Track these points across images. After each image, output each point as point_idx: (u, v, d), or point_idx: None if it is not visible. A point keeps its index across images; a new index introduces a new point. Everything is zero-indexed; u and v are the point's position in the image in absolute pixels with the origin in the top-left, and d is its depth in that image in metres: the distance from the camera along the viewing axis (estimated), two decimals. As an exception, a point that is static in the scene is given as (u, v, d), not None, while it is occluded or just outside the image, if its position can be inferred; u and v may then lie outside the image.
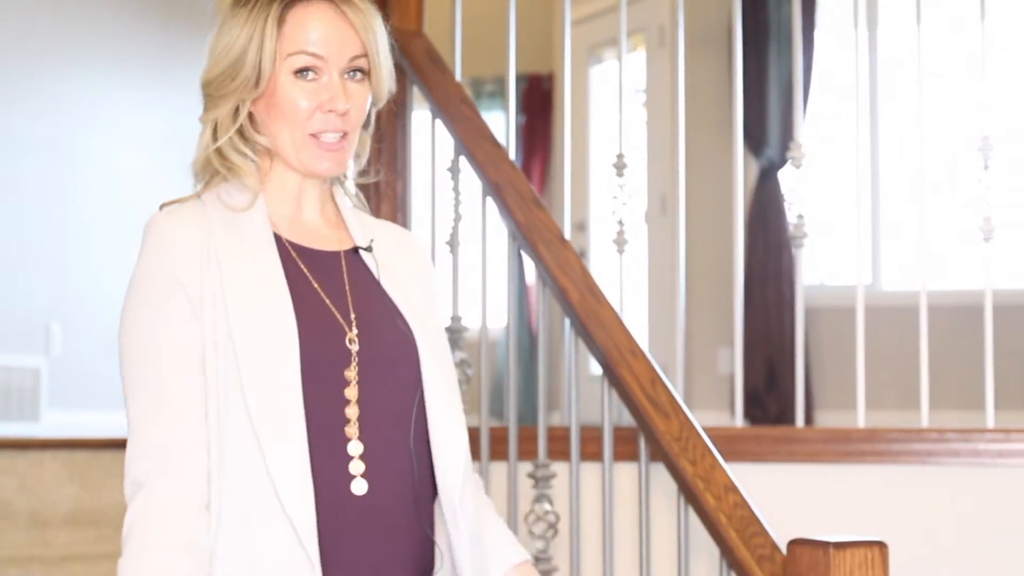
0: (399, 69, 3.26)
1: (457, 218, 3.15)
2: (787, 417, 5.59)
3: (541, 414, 2.91)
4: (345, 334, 1.81)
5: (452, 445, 1.84)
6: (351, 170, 1.97)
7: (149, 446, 1.69)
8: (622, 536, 2.90)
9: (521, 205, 2.87)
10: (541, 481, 2.85)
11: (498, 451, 3.08)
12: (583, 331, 2.67)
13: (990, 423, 3.25)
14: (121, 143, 6.43)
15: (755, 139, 6.30)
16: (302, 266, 1.84)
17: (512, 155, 3.20)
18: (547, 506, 2.81)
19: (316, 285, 1.84)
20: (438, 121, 3.13)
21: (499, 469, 3.07)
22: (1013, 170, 5.77)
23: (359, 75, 1.87)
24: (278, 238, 1.84)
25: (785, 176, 6.16)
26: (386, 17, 3.41)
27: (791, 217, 3.41)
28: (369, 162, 1.99)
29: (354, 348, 1.80)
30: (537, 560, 2.76)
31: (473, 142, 2.99)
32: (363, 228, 1.95)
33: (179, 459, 1.68)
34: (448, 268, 3.17)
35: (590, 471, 2.97)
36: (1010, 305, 4.57)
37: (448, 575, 1.89)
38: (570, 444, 2.83)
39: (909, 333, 3.77)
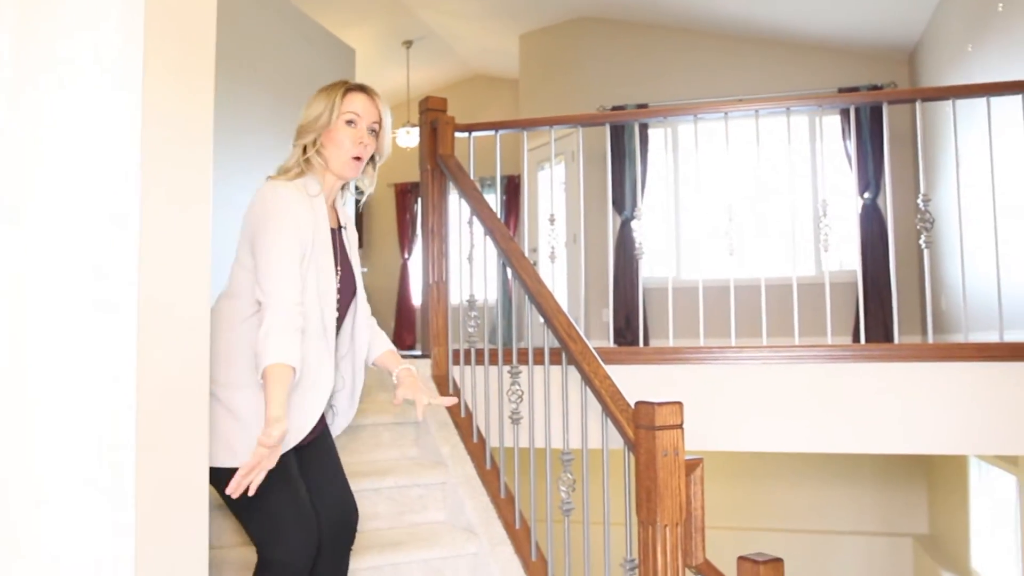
0: (442, 174, 3.25)
1: (471, 246, 3.12)
2: (635, 342, 5.61)
3: (514, 341, 2.86)
4: (337, 274, 1.88)
5: (361, 325, 1.96)
6: (352, 183, 2.00)
7: (275, 295, 1.72)
8: (554, 401, 2.88)
9: (504, 240, 2.82)
10: (514, 375, 2.78)
11: (494, 360, 3.06)
12: (535, 301, 2.62)
13: (733, 343, 3.24)
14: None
15: (619, 205, 6.20)
16: None
17: (499, 215, 3.17)
18: (518, 386, 2.75)
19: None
20: (462, 200, 3.09)
21: (493, 370, 3.04)
22: (747, 220, 5.77)
23: (374, 134, 1.89)
24: None
25: (634, 224, 6.10)
26: (434, 149, 3.32)
27: (636, 243, 3.40)
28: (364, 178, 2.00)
29: (337, 277, 1.88)
30: (511, 416, 2.67)
31: (480, 209, 2.95)
32: (342, 215, 1.98)
33: (286, 303, 1.71)
34: (467, 272, 3.11)
35: (538, 370, 2.95)
36: (743, 287, 4.63)
37: (347, 396, 1.96)
38: (528, 356, 2.78)
39: (694, 299, 3.78)
